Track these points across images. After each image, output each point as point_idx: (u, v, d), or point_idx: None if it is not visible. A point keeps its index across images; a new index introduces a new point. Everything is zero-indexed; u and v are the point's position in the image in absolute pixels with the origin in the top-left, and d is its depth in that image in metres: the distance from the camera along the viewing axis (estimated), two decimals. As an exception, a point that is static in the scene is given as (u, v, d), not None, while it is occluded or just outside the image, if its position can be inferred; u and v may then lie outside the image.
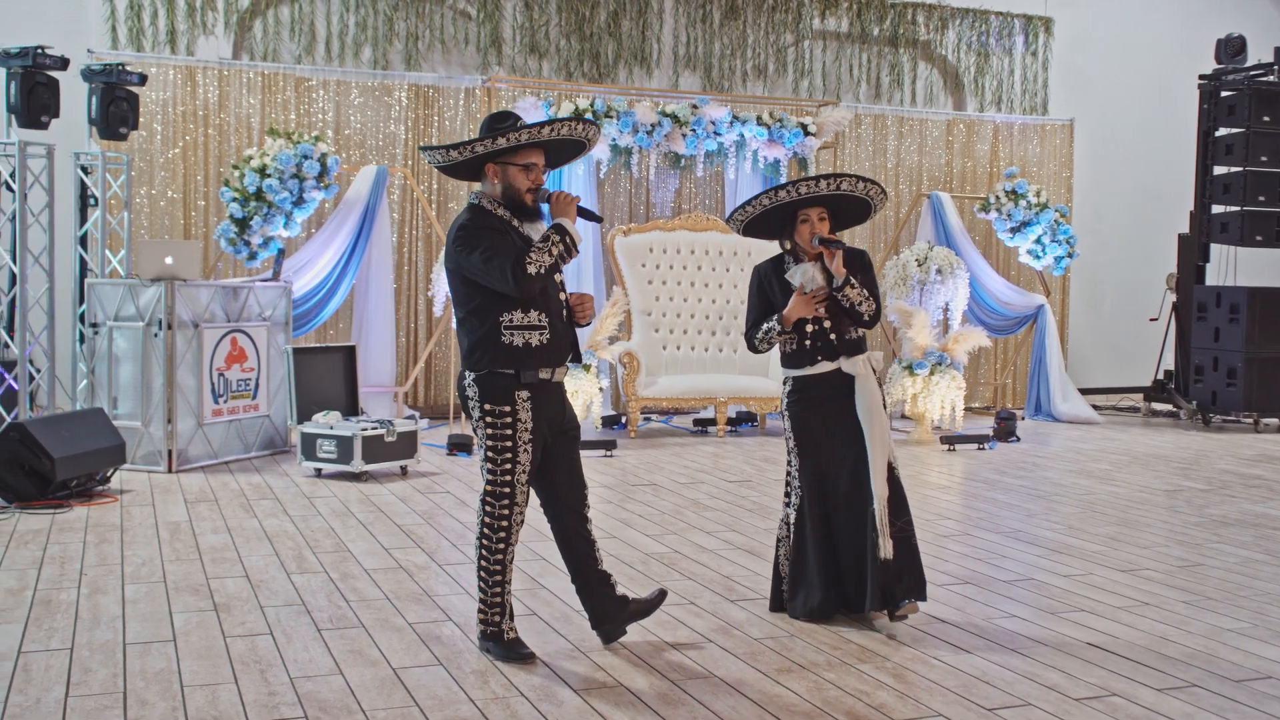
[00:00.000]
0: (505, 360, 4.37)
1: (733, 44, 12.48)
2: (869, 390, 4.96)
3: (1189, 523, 7.22)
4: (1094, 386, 13.63)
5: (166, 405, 8.17)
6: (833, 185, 4.92)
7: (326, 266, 10.10)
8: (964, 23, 13.31)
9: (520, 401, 4.39)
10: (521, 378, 4.38)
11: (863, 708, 4.04)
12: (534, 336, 4.39)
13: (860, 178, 4.96)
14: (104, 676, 4.21)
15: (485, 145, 4.37)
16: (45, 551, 5.96)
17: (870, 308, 4.98)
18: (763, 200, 4.98)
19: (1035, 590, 5.58)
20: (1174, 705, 4.12)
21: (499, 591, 4.46)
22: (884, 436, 4.94)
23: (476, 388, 4.41)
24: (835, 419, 4.98)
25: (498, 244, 4.32)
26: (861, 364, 5.00)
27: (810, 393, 5.03)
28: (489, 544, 4.43)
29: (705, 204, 12.11)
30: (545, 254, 4.31)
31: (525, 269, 4.27)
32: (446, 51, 11.61)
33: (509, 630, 4.49)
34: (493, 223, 4.40)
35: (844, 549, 4.98)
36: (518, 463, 4.40)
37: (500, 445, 4.39)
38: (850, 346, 5.03)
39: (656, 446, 9.94)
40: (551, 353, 4.45)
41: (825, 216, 5.02)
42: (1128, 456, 9.88)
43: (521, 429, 4.39)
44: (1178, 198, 13.77)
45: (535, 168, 4.47)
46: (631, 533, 6.64)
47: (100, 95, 9.03)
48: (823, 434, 5.00)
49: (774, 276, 5.13)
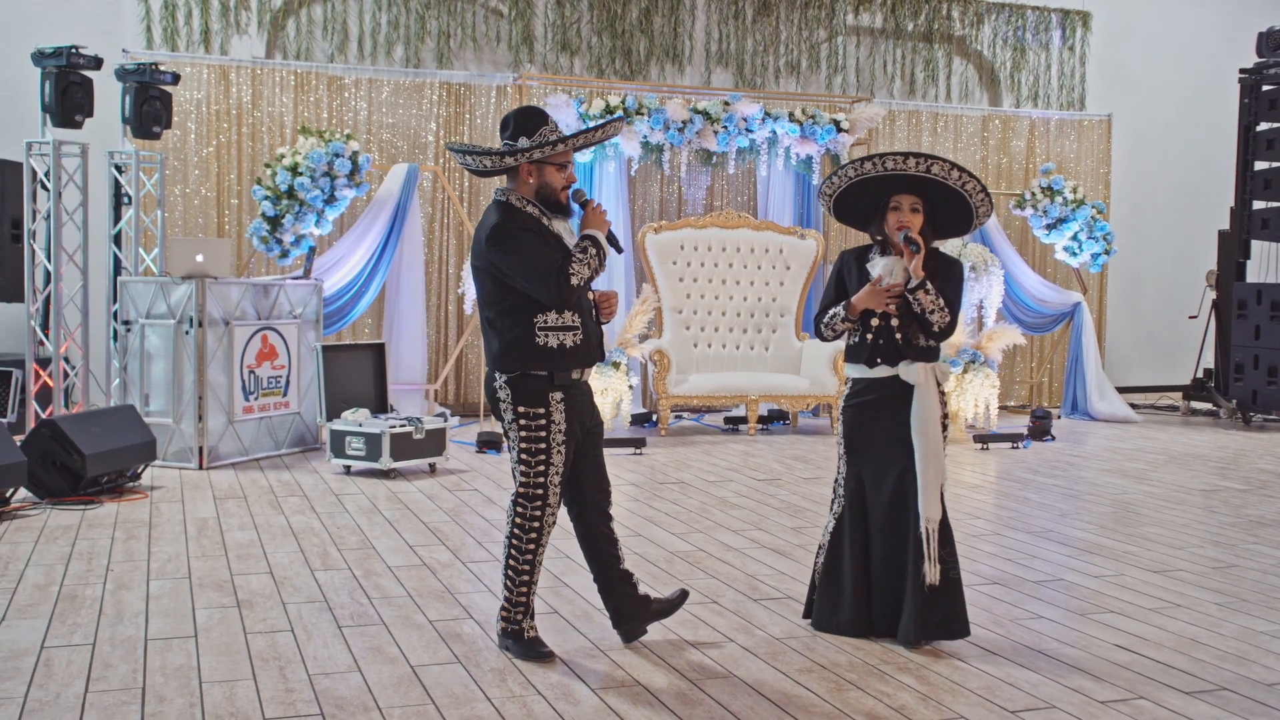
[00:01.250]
0: (539, 362, 4.35)
1: (765, 40, 12.41)
2: (926, 403, 4.60)
3: (1225, 523, 7.11)
4: (1132, 385, 13.46)
5: (197, 402, 8.22)
6: (922, 165, 4.52)
7: (358, 264, 10.12)
8: (1000, 17, 13.18)
9: (554, 403, 4.37)
10: (555, 379, 4.37)
11: (884, 709, 3.99)
12: (568, 337, 4.37)
13: (956, 165, 4.53)
14: (124, 672, 4.22)
15: (543, 151, 4.35)
16: (74, 547, 6.01)
17: (943, 319, 4.59)
18: (847, 172, 4.64)
19: (1064, 591, 5.50)
20: (1202, 709, 4.04)
21: (525, 592, 4.45)
22: (936, 454, 4.59)
23: (509, 390, 4.38)
24: (888, 428, 4.65)
25: (538, 250, 4.30)
26: (922, 373, 4.64)
27: (866, 396, 4.71)
28: (519, 544, 4.41)
29: (737, 201, 12.05)
30: (585, 265, 4.32)
31: (569, 280, 4.26)
32: (478, 49, 11.62)
33: (529, 629, 4.47)
34: (527, 223, 4.38)
35: (879, 568, 4.68)
36: (551, 464, 4.38)
37: (535, 448, 4.37)
38: (916, 354, 4.67)
39: (686, 444, 9.91)
40: (585, 353, 4.44)
41: (919, 209, 4.63)
42: (1165, 456, 9.74)
43: (556, 430, 4.37)
44: (1218, 193, 13.58)
45: (569, 165, 4.50)
46: (657, 530, 6.61)
47: (134, 94, 9.09)
48: (872, 442, 4.69)
49: (855, 264, 4.78)
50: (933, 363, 4.69)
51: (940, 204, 4.66)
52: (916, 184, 4.61)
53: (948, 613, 4.60)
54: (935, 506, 4.57)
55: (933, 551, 4.55)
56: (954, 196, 4.62)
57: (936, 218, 4.71)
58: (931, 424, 4.60)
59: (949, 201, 4.64)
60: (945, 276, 4.67)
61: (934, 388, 4.65)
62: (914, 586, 4.57)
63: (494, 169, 4.48)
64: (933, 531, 4.56)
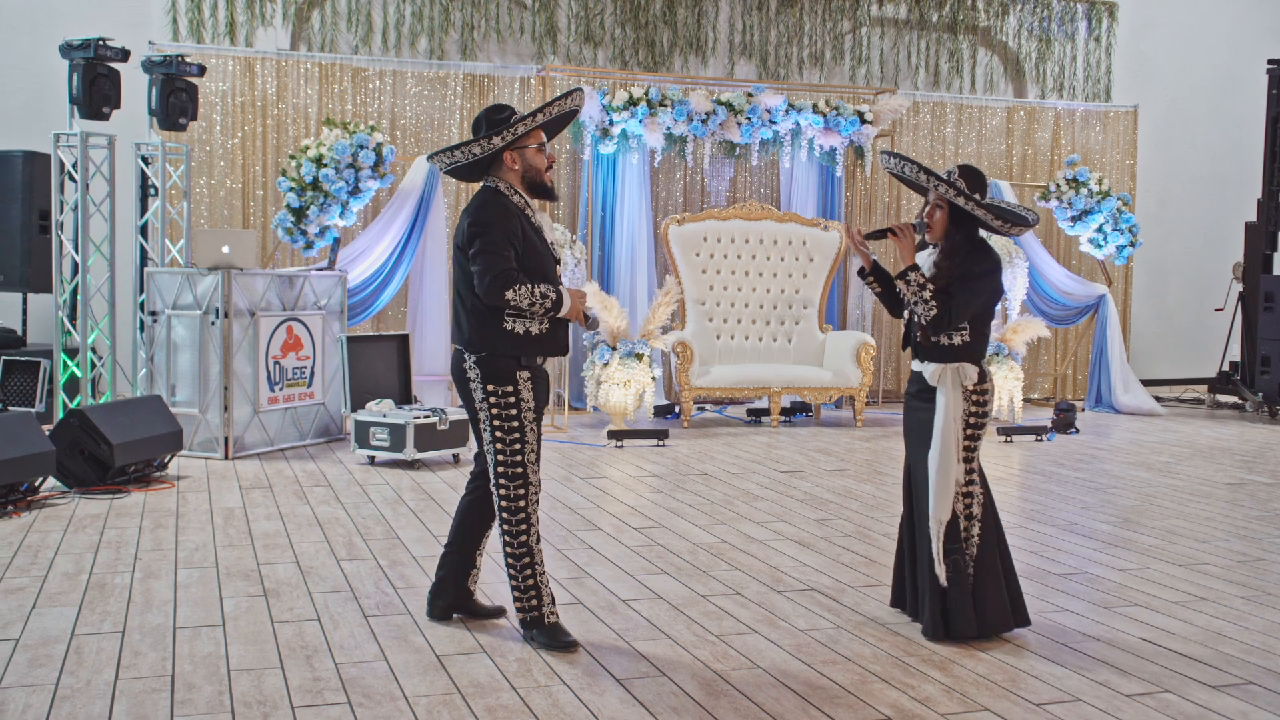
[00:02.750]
0: (509, 345, 4.42)
1: (789, 31, 12.38)
2: (944, 405, 4.61)
3: (1251, 517, 7.07)
4: (1157, 378, 13.39)
5: (223, 393, 8.27)
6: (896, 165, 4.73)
7: (382, 255, 10.16)
8: (1025, 8, 13.11)
9: (522, 381, 4.44)
10: (522, 361, 4.45)
11: (908, 701, 3.99)
12: (534, 325, 4.44)
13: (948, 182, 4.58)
14: (153, 660, 4.26)
15: (513, 131, 4.43)
16: (102, 536, 6.06)
17: (927, 310, 4.55)
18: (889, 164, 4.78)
19: (1089, 584, 5.49)
20: (1228, 703, 4.03)
21: (530, 575, 4.47)
22: (949, 456, 4.57)
23: (478, 369, 4.45)
24: (924, 420, 4.70)
25: (502, 246, 4.34)
26: (938, 374, 4.64)
27: (913, 389, 4.80)
28: (511, 529, 4.45)
29: (760, 193, 12.04)
30: (532, 300, 4.34)
31: (504, 291, 4.31)
32: (502, 41, 11.63)
33: (549, 614, 4.49)
34: (511, 211, 4.45)
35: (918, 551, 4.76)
36: (526, 442, 4.44)
37: (508, 425, 4.42)
38: (940, 352, 4.66)
39: (709, 436, 9.91)
40: (549, 342, 4.49)
41: (944, 206, 4.66)
42: (1190, 449, 9.70)
43: (525, 408, 4.44)
44: (1245, 185, 13.49)
45: (547, 146, 4.59)
46: (680, 522, 6.62)
47: (160, 86, 9.15)
48: (915, 434, 4.76)
49: None
50: (956, 364, 4.64)
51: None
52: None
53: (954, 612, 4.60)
54: (946, 508, 4.59)
55: (938, 552, 4.58)
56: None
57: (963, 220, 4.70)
58: (946, 425, 4.59)
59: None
60: (962, 272, 4.62)
61: (953, 388, 4.61)
62: (930, 582, 4.63)
63: (471, 160, 4.48)
64: (938, 533, 4.58)
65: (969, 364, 4.66)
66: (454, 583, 4.74)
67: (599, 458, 8.73)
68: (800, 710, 3.90)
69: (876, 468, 8.51)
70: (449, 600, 4.75)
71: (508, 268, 4.33)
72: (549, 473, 8.01)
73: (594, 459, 8.67)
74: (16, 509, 6.55)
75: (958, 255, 4.66)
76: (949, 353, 4.67)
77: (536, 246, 4.48)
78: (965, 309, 4.60)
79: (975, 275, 4.63)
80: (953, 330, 4.63)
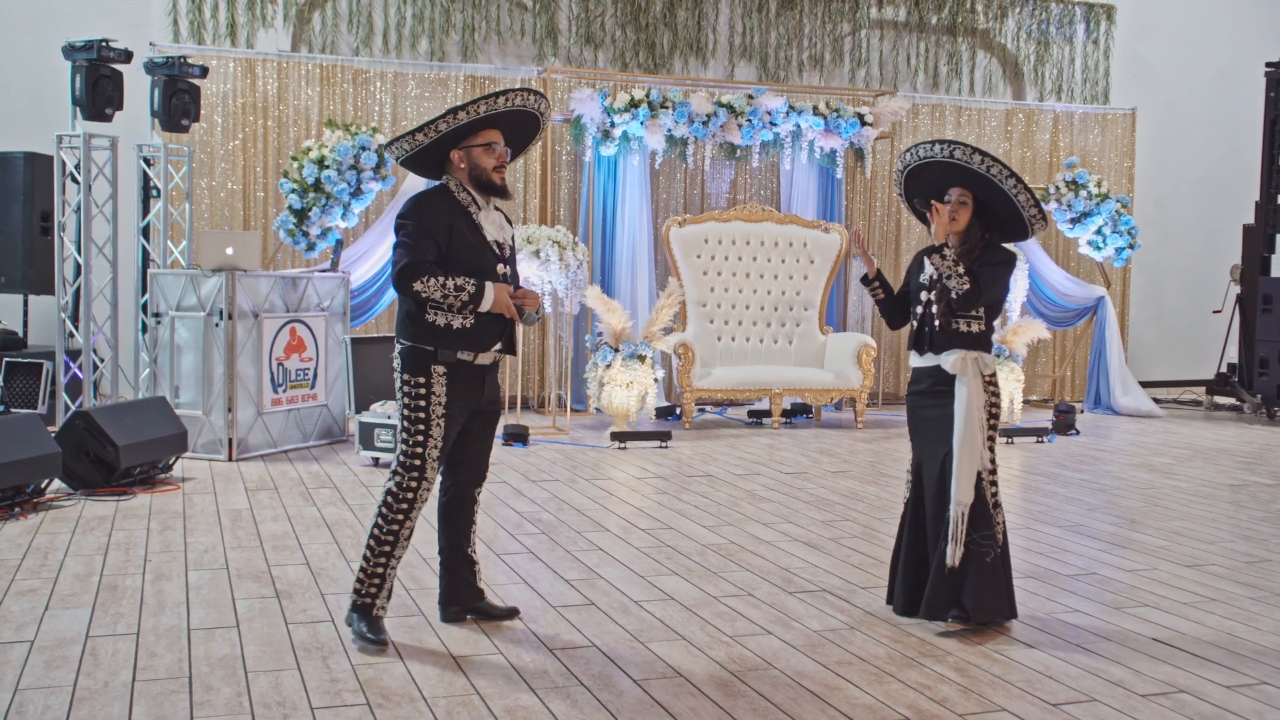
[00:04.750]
0: (426, 337, 4.45)
1: (789, 33, 12.41)
2: (965, 391, 4.66)
3: (1255, 518, 7.10)
4: (1155, 379, 13.44)
5: (227, 394, 8.26)
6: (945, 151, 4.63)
7: (384, 257, 10.15)
8: (1024, 10, 13.15)
9: (436, 376, 4.45)
10: (439, 355, 4.45)
11: (925, 702, 4.01)
12: (456, 319, 4.45)
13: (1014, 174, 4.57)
14: (170, 661, 4.26)
15: (447, 122, 4.43)
16: (110, 538, 6.05)
17: (960, 284, 4.61)
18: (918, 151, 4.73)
19: (1098, 585, 5.51)
20: (1244, 703, 4.05)
21: (383, 564, 4.48)
22: (973, 442, 4.64)
23: (400, 359, 4.50)
24: (937, 416, 4.74)
25: (423, 236, 4.37)
26: (960, 362, 4.68)
27: (920, 384, 4.84)
28: (388, 513, 4.47)
29: (760, 195, 12.05)
30: (444, 289, 4.35)
31: (413, 282, 4.34)
32: (502, 43, 11.64)
33: (380, 608, 4.48)
34: (448, 204, 4.48)
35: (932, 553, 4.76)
36: (430, 436, 4.45)
37: (415, 417, 4.45)
38: (960, 340, 4.71)
39: (711, 438, 9.92)
40: (473, 337, 4.49)
41: (967, 201, 4.70)
42: (1190, 450, 9.73)
43: (435, 402, 4.46)
44: (1243, 188, 13.54)
45: (497, 145, 4.55)
46: (688, 523, 6.63)
47: (162, 88, 9.14)
48: (925, 430, 4.80)
49: (922, 260, 4.87)
50: (976, 352, 4.72)
51: (994, 206, 4.73)
52: (973, 180, 4.68)
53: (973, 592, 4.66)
54: (968, 491, 4.65)
55: (960, 534, 4.64)
56: (1009, 203, 4.68)
57: (990, 218, 4.78)
58: (972, 413, 4.66)
59: (1003, 206, 4.71)
60: (984, 260, 4.72)
61: (974, 375, 4.68)
62: (936, 564, 4.71)
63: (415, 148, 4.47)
64: (963, 515, 4.65)
65: (986, 353, 4.74)
66: (465, 585, 4.75)
67: (603, 459, 8.73)
68: (819, 711, 3.91)
69: (880, 469, 8.53)
70: (463, 604, 4.76)
71: (418, 259, 4.35)
72: (554, 474, 8.02)
73: (598, 460, 8.67)
74: (24, 511, 6.55)
75: (976, 249, 4.74)
76: (969, 340, 4.73)
77: (469, 241, 4.49)
78: (991, 288, 4.70)
79: (996, 264, 4.74)
80: (974, 311, 4.70)
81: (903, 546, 4.90)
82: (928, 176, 4.82)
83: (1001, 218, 4.78)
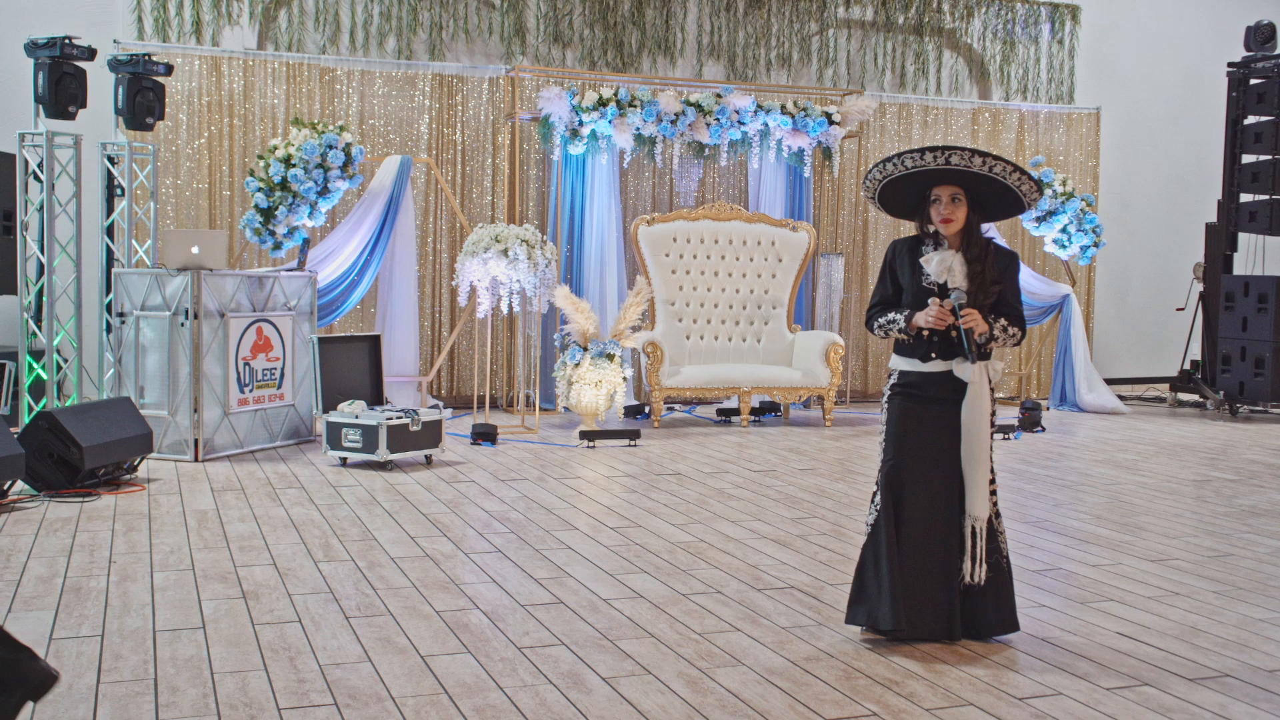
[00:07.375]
0: None
1: (757, 33, 12.43)
2: (978, 401, 4.51)
3: (1218, 513, 7.17)
4: (1120, 376, 13.55)
5: (193, 394, 8.20)
6: (940, 158, 4.40)
7: (351, 256, 10.11)
8: (990, 10, 13.23)
9: None
10: None
11: (892, 697, 4.03)
12: None
13: (1000, 159, 4.38)
14: (135, 663, 4.23)
15: None
16: (74, 539, 6.00)
17: (1017, 335, 4.54)
18: (885, 168, 4.52)
19: (1064, 580, 5.55)
20: (1206, 696, 4.09)
21: None
22: (984, 452, 4.52)
23: None
24: (937, 423, 4.55)
25: None
26: (977, 371, 4.51)
27: (916, 391, 4.60)
28: None
29: (729, 193, 12.07)
30: None
31: None
32: (470, 41, 11.60)
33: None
34: None
35: (917, 565, 4.52)
36: None
37: None
38: (978, 349, 4.55)
39: (680, 436, 9.93)
40: None
41: (960, 199, 4.50)
42: (1154, 447, 9.82)
43: None
44: (1205, 186, 13.68)
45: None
46: (657, 522, 6.64)
47: (127, 85, 9.06)
48: (919, 436, 4.56)
49: (907, 255, 4.64)
50: (985, 360, 4.58)
51: (984, 189, 4.53)
52: (955, 174, 4.48)
53: (1000, 607, 4.60)
54: (984, 505, 4.54)
55: (980, 551, 4.54)
56: (997, 183, 4.48)
57: (984, 202, 4.58)
58: (982, 421, 4.52)
59: (992, 186, 4.50)
60: (1006, 273, 4.58)
61: (986, 385, 4.56)
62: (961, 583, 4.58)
63: None
64: (980, 531, 4.54)
65: (997, 361, 4.64)
66: None
67: (571, 458, 8.73)
68: (788, 708, 3.93)
69: (848, 466, 8.56)
70: None
71: None
72: (522, 474, 8.01)
73: (566, 459, 8.67)
74: (-14, 512, 6.48)
75: (986, 256, 4.54)
76: (980, 351, 4.59)
77: None
78: (1018, 300, 4.61)
79: (1012, 273, 4.62)
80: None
81: (882, 564, 4.49)
82: (908, 183, 4.59)
83: (986, 197, 4.56)
